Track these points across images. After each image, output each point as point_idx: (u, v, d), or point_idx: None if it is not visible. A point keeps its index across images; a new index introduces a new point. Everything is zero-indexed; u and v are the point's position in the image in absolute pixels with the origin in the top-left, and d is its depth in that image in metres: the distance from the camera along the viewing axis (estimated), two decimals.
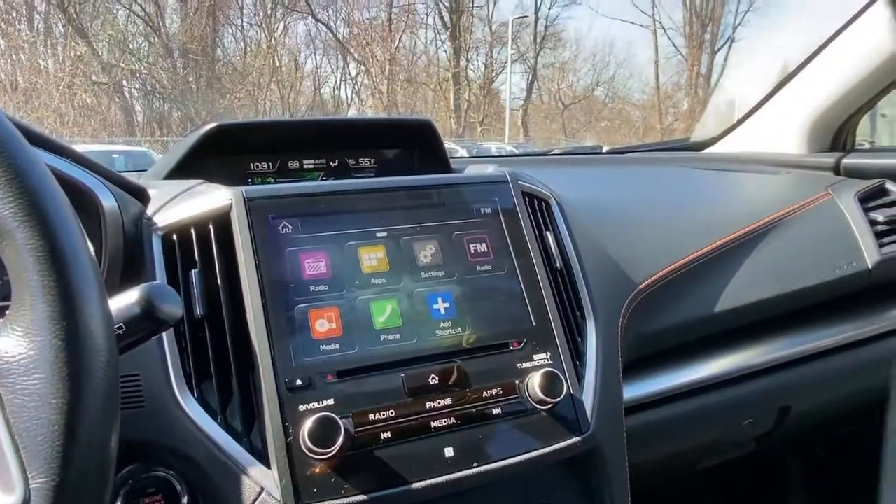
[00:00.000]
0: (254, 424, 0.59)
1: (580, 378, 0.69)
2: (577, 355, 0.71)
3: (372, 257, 0.67)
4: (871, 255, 1.06)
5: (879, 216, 1.11)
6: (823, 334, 1.03)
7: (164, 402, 0.58)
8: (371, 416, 0.59)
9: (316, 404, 0.58)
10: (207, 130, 0.85)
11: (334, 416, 0.56)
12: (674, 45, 23.70)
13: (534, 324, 0.69)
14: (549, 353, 0.68)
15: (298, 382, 0.58)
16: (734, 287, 0.95)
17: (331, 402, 0.59)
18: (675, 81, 24.16)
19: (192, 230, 0.64)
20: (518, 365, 0.66)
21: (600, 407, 0.68)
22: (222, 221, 0.64)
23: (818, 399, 1.07)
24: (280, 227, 0.64)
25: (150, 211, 0.67)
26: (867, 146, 1.61)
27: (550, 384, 0.64)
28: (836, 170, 1.34)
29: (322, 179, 0.94)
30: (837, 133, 1.39)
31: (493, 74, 24.91)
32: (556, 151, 1.84)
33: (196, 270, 0.62)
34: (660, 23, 23.28)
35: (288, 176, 0.93)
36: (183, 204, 0.66)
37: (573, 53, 25.10)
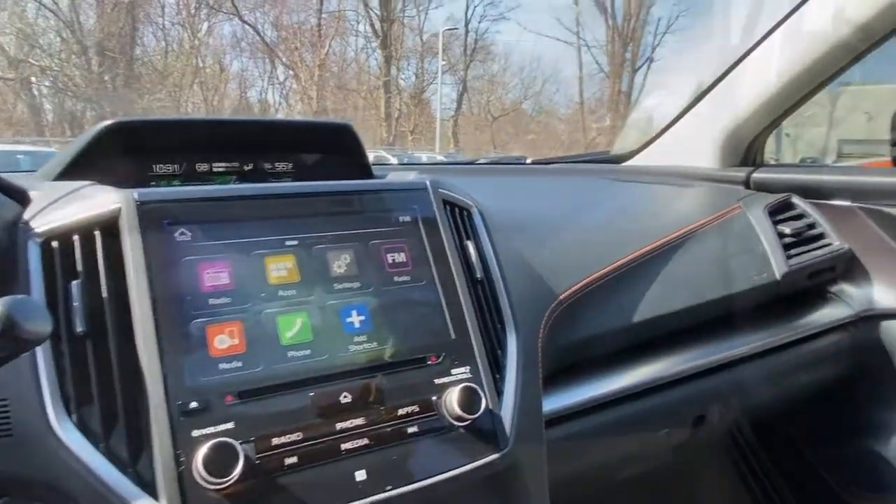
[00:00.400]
0: (142, 452, 0.53)
1: (500, 392, 0.67)
2: (497, 368, 0.69)
3: (280, 267, 0.62)
4: (779, 266, 1.10)
5: (787, 229, 1.16)
6: (735, 343, 1.06)
7: (35, 430, 0.51)
8: (275, 440, 0.55)
9: (212, 429, 0.53)
10: (104, 127, 0.78)
11: (232, 441, 0.51)
12: (597, 63, 24.56)
13: (452, 337, 0.66)
14: (468, 367, 0.65)
15: (193, 405, 0.53)
16: (651, 298, 0.96)
17: (230, 425, 0.54)
18: (598, 98, 25.05)
19: (76, 237, 0.58)
20: (435, 380, 0.64)
21: (520, 421, 0.67)
22: (110, 227, 0.58)
23: (731, 408, 1.10)
24: (177, 234, 0.59)
25: (27, 215, 0.60)
26: (773, 162, 1.70)
27: (469, 399, 0.61)
28: (747, 184, 1.40)
29: (234, 184, 0.88)
30: (748, 149, 1.45)
31: (424, 84, 25.02)
32: (481, 161, 1.85)
33: (78, 282, 0.56)
34: (584, 41, 24.09)
35: (196, 180, 0.87)
36: (66, 207, 0.60)
37: (502, 67, 25.56)
